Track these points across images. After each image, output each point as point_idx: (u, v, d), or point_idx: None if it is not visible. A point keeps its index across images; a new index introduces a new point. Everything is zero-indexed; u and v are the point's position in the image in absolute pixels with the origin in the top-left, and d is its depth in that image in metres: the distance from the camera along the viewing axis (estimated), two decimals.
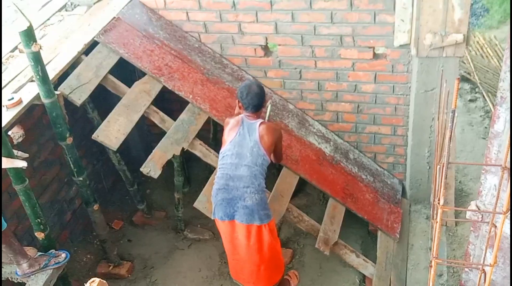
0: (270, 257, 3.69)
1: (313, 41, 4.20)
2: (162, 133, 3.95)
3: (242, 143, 3.51)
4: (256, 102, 3.54)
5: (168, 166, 3.89)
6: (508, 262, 2.27)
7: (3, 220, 3.05)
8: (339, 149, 4.58)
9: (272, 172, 4.80)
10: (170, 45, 4.30)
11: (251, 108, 3.55)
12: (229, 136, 3.57)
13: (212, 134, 4.81)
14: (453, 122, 1.88)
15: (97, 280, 1.45)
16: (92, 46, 3.94)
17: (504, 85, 1.95)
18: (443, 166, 1.88)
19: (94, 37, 3.95)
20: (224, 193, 3.49)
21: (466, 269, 2.48)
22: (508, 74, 1.94)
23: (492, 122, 2.06)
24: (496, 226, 1.94)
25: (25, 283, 3.27)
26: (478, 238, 2.30)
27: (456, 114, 1.90)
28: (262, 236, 3.57)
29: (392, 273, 4.02)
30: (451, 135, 1.86)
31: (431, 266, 2.01)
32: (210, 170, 4.11)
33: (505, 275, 2.35)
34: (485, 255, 2.05)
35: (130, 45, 4.08)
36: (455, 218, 4.18)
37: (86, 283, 1.57)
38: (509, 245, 2.20)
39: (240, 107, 3.61)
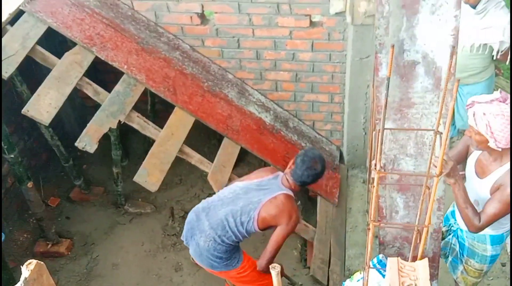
0: None
1: (250, 8, 4.16)
2: (97, 106, 3.82)
3: (248, 192, 3.16)
4: (310, 181, 3.19)
5: (104, 139, 3.78)
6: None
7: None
8: (279, 118, 4.62)
9: (213, 143, 4.79)
10: (102, 13, 4.12)
11: (299, 182, 3.18)
12: (249, 177, 3.29)
13: (149, 105, 4.71)
14: (387, 89, 1.93)
15: (34, 261, 1.39)
16: (17, 15, 3.72)
17: (380, 31, 2.02)
18: (379, 132, 1.93)
19: (20, 5, 3.72)
20: (193, 216, 3.25)
21: (382, 224, 2.59)
22: (382, 20, 2.01)
23: (376, 70, 2.13)
24: (429, 188, 2.03)
25: None
26: (386, 188, 2.40)
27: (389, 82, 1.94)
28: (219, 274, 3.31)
29: (332, 236, 4.16)
30: (386, 102, 1.91)
31: (369, 229, 2.09)
32: (149, 142, 4.04)
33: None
34: (419, 216, 2.15)
35: (58, 13, 3.87)
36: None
37: (22, 265, 1.51)
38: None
39: (289, 168, 3.24)
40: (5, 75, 3.48)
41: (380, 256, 2.63)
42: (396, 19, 1.98)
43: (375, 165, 1.92)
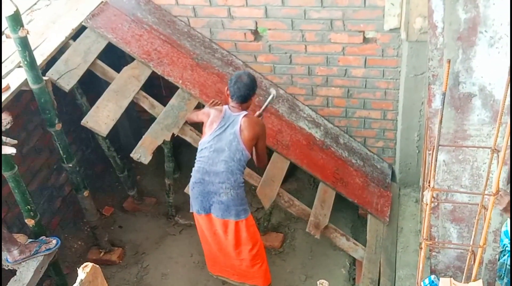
0: (248, 254, 3.66)
1: (303, 25, 4.18)
2: (152, 119, 3.93)
3: (221, 137, 3.44)
4: (242, 92, 3.45)
5: (158, 152, 3.88)
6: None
7: None
8: (329, 134, 4.60)
9: None
10: (159, 30, 4.26)
11: (236, 98, 3.46)
12: (209, 128, 3.50)
13: None
14: (443, 105, 1.89)
15: (90, 265, 1.44)
16: (80, 31, 3.90)
17: (433, 63, 1.97)
18: (433, 149, 1.89)
19: (82, 21, 3.90)
20: (200, 187, 3.47)
21: (434, 253, 2.52)
22: (436, 52, 1.96)
23: (429, 101, 2.08)
24: (486, 208, 1.97)
25: (16, 270, 3.26)
26: (438, 218, 2.34)
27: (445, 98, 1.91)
28: (240, 232, 3.55)
29: (382, 256, 4.07)
30: (441, 119, 1.87)
31: (421, 248, 2.04)
32: None
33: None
34: (474, 236, 2.08)
35: (118, 29, 4.03)
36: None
37: (78, 269, 1.57)
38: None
39: (227, 95, 3.55)
40: (67, 87, 3.65)
41: (432, 277, 2.56)
42: (451, 51, 1.94)
43: (429, 182, 1.88)
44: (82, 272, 1.43)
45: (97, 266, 1.48)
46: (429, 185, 1.85)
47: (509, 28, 1.85)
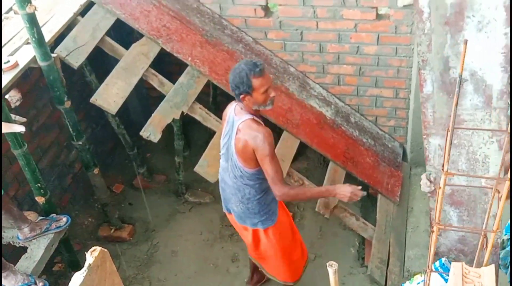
0: (271, 258, 3.43)
1: (315, 1, 4.10)
2: (161, 97, 3.90)
3: (227, 146, 3.02)
4: (232, 87, 2.82)
5: (168, 130, 3.86)
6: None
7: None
8: (340, 113, 4.54)
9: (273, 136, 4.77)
10: (168, 6, 4.20)
11: (236, 94, 2.84)
12: (223, 130, 3.10)
13: (211, 97, 4.76)
14: (459, 87, 1.83)
15: (98, 249, 1.43)
16: (88, 6, 3.84)
17: (422, 48, 1.92)
18: (447, 131, 1.84)
19: None
20: (220, 189, 3.33)
21: (448, 228, 2.49)
22: (424, 37, 1.91)
23: (420, 86, 2.04)
24: (499, 192, 1.93)
25: (27, 247, 3.29)
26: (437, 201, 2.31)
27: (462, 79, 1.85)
28: (259, 238, 3.32)
29: (392, 235, 4.06)
30: (457, 101, 1.81)
31: (432, 231, 2.01)
32: (210, 133, 4.08)
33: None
34: (487, 221, 2.04)
35: (127, 5, 3.97)
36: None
37: (86, 249, 1.56)
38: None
39: None
40: (76, 64, 3.62)
41: (443, 259, 2.54)
42: (439, 36, 1.89)
43: (443, 166, 1.83)
44: (90, 256, 1.42)
45: (105, 250, 1.47)
46: (442, 169, 1.81)
47: (497, 13, 1.79)
